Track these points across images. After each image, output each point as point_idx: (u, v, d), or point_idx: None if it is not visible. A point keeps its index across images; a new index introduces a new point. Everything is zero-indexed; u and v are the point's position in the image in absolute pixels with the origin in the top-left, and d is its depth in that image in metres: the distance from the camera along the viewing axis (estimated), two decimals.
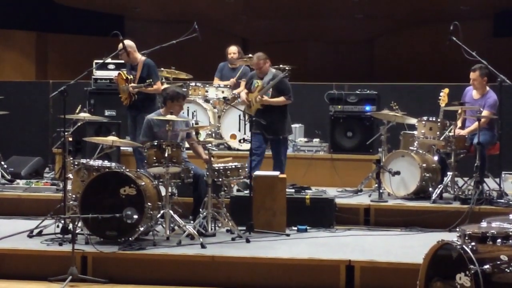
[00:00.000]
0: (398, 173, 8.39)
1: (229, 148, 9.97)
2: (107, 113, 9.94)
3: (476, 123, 8.12)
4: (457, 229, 5.25)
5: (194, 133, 7.75)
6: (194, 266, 6.57)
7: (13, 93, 11.48)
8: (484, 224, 5.30)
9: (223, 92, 10.11)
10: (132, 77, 8.71)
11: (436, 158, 8.65)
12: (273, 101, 8.56)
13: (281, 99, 8.56)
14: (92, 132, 9.29)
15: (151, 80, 8.54)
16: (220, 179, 7.35)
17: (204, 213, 7.24)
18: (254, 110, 8.58)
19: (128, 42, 8.70)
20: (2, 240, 6.98)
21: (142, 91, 8.61)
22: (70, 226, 6.84)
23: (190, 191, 7.56)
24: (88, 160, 7.46)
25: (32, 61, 15.38)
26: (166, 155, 6.99)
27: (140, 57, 8.82)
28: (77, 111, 8.56)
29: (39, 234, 7.17)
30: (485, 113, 8.30)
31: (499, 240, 4.98)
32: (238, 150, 9.79)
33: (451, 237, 5.33)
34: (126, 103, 8.84)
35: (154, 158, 7.07)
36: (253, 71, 8.97)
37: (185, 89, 9.95)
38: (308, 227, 7.63)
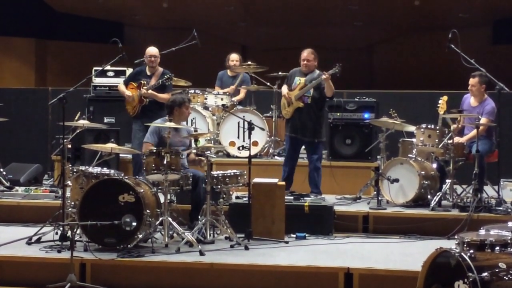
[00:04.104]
0: (396, 180, 8.39)
1: (228, 155, 9.98)
2: (106, 120, 9.95)
3: (475, 130, 8.13)
4: (456, 237, 5.27)
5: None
6: (193, 273, 6.57)
7: (13, 100, 11.51)
8: (482, 231, 5.31)
9: (222, 99, 10.11)
10: (145, 82, 8.85)
11: (434, 165, 8.65)
12: (331, 86, 8.44)
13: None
14: (91, 139, 9.30)
15: (169, 74, 8.84)
16: (219, 186, 7.35)
17: (203, 220, 7.24)
18: (292, 110, 8.60)
19: (155, 50, 9.00)
20: (1, 247, 6.99)
21: (153, 96, 8.86)
22: (69, 233, 6.85)
23: (189, 197, 7.57)
24: (87, 167, 7.46)
25: (32, 68, 15.39)
26: (165, 162, 6.99)
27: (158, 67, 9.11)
28: (76, 118, 8.57)
29: (38, 241, 7.17)
30: (483, 120, 8.31)
31: (497, 248, 4.99)
32: (237, 157, 9.79)
33: (450, 244, 5.34)
34: (135, 111, 8.93)
35: (153, 165, 7.07)
36: (295, 68, 8.88)
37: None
38: (307, 235, 7.63)
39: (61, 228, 7.01)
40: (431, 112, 8.86)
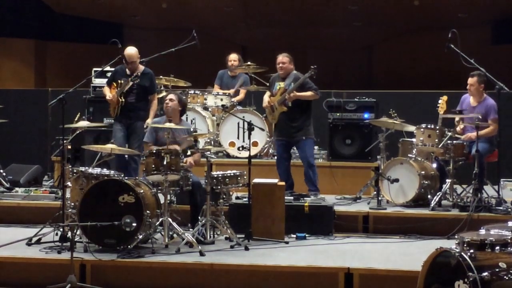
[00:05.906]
0: (396, 180, 8.39)
1: (228, 155, 9.98)
2: (106, 121, 9.92)
3: (484, 130, 8.19)
4: (456, 237, 5.26)
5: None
6: (193, 274, 6.57)
7: (12, 101, 11.51)
8: (482, 231, 5.31)
9: (222, 99, 10.11)
10: (122, 82, 8.64)
11: (434, 165, 8.65)
12: (302, 95, 8.52)
13: (309, 93, 8.56)
14: (91, 140, 9.30)
15: (137, 74, 8.52)
16: (219, 187, 7.34)
17: (203, 221, 7.24)
18: (278, 114, 8.61)
19: (133, 51, 8.64)
20: (1, 248, 6.98)
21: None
22: (69, 234, 6.85)
23: (189, 199, 7.57)
24: (87, 168, 7.46)
25: (31, 69, 15.39)
26: (164, 162, 6.99)
27: (139, 66, 8.83)
28: (76, 119, 8.56)
29: (38, 242, 7.16)
30: (491, 121, 8.32)
31: (497, 248, 4.99)
32: (237, 157, 9.79)
33: (450, 244, 5.34)
34: (115, 112, 8.76)
35: (153, 165, 7.07)
36: (275, 74, 8.90)
37: (184, 97, 9.94)
38: (307, 235, 7.63)
39: (61, 229, 7.01)
40: (431, 112, 8.86)
